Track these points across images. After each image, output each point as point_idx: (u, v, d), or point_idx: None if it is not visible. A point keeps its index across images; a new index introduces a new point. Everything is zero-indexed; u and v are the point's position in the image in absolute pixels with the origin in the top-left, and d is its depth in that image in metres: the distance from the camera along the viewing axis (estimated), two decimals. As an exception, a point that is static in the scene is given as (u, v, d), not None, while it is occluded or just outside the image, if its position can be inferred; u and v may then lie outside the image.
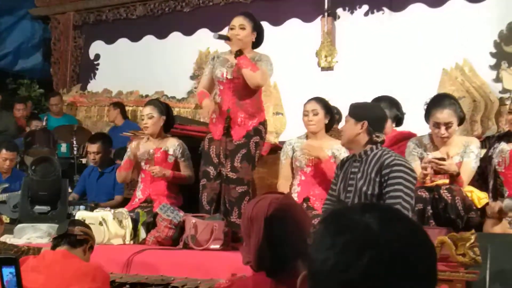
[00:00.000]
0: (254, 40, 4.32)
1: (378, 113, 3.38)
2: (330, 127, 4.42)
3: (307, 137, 4.43)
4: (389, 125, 4.21)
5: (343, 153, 4.19)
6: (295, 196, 4.19)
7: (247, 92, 4.26)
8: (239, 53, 4.18)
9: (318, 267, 0.90)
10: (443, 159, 3.67)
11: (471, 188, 3.78)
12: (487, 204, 3.74)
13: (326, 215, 0.97)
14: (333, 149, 4.27)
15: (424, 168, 3.65)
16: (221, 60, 4.36)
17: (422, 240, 0.90)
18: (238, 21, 4.28)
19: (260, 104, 4.38)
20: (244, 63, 4.16)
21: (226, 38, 4.26)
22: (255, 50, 4.36)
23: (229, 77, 4.27)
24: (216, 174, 4.29)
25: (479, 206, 3.70)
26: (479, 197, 3.72)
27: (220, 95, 4.33)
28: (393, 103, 4.32)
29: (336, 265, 0.87)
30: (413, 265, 0.86)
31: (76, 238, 2.90)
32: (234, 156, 4.23)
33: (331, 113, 4.38)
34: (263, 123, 4.35)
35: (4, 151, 5.81)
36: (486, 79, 6.03)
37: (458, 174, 3.68)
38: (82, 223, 3.12)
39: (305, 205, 4.20)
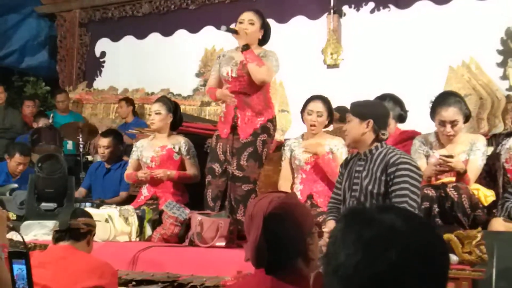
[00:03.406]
0: (260, 37, 4.32)
1: (382, 110, 3.36)
2: (327, 126, 4.47)
3: (303, 136, 4.45)
4: (393, 124, 4.20)
5: (340, 149, 4.26)
6: (298, 194, 4.20)
7: (253, 89, 4.25)
8: (245, 47, 4.18)
9: (341, 261, 0.91)
10: (450, 157, 3.66)
11: (478, 186, 3.77)
12: (493, 202, 3.73)
13: (345, 213, 1.00)
14: (331, 145, 4.31)
15: (435, 165, 3.65)
16: (227, 59, 4.36)
17: (438, 237, 0.96)
18: (248, 15, 4.27)
19: (268, 101, 4.35)
20: (251, 57, 4.15)
21: (234, 32, 4.25)
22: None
23: (234, 75, 4.26)
24: (222, 171, 4.29)
25: (485, 204, 3.68)
26: (486, 195, 3.70)
27: (227, 94, 4.33)
28: (396, 102, 4.31)
29: (363, 259, 0.89)
30: (432, 260, 0.92)
31: (79, 232, 2.89)
32: (241, 155, 4.22)
33: (332, 114, 4.42)
34: (272, 120, 4.32)
35: (17, 155, 5.79)
36: (492, 76, 6.00)
37: (465, 172, 3.67)
38: (83, 213, 3.06)
39: (309, 202, 4.21)
